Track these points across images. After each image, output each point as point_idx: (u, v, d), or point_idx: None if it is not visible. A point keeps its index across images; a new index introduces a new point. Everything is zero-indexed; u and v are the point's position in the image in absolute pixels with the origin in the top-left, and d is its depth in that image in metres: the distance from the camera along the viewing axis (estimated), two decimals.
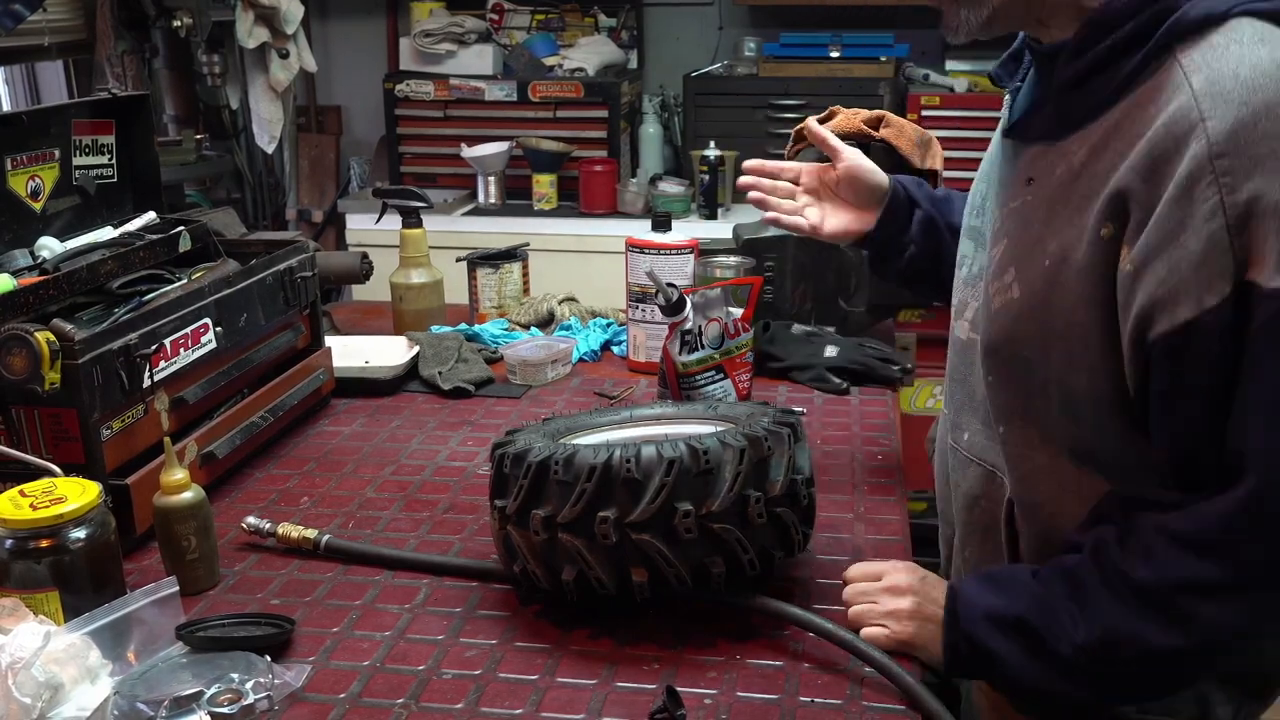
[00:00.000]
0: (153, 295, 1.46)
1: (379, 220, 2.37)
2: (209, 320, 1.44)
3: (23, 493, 1.10)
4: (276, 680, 1.03)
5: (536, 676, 1.06)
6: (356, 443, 1.63)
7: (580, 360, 1.97)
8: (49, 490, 1.11)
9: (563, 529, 1.07)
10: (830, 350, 1.86)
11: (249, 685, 1.01)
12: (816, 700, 1.03)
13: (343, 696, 1.04)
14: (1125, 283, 0.96)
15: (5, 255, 1.45)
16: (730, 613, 1.14)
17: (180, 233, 1.57)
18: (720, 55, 3.94)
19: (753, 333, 1.58)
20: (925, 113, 3.41)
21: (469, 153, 3.64)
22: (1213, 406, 0.95)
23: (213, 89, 3.83)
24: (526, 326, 2.09)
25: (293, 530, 1.30)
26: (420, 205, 2.14)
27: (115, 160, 1.68)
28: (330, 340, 1.82)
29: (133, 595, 1.09)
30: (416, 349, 1.90)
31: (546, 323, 2.11)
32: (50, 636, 0.97)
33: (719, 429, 1.15)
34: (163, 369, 1.35)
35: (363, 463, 1.56)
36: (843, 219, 1.46)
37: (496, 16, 3.98)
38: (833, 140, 1.45)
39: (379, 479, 1.51)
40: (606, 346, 2.03)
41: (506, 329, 2.06)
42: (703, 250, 1.88)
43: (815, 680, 1.06)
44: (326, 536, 1.29)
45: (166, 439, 1.22)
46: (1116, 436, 1.04)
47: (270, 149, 3.79)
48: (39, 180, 1.54)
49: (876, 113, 1.92)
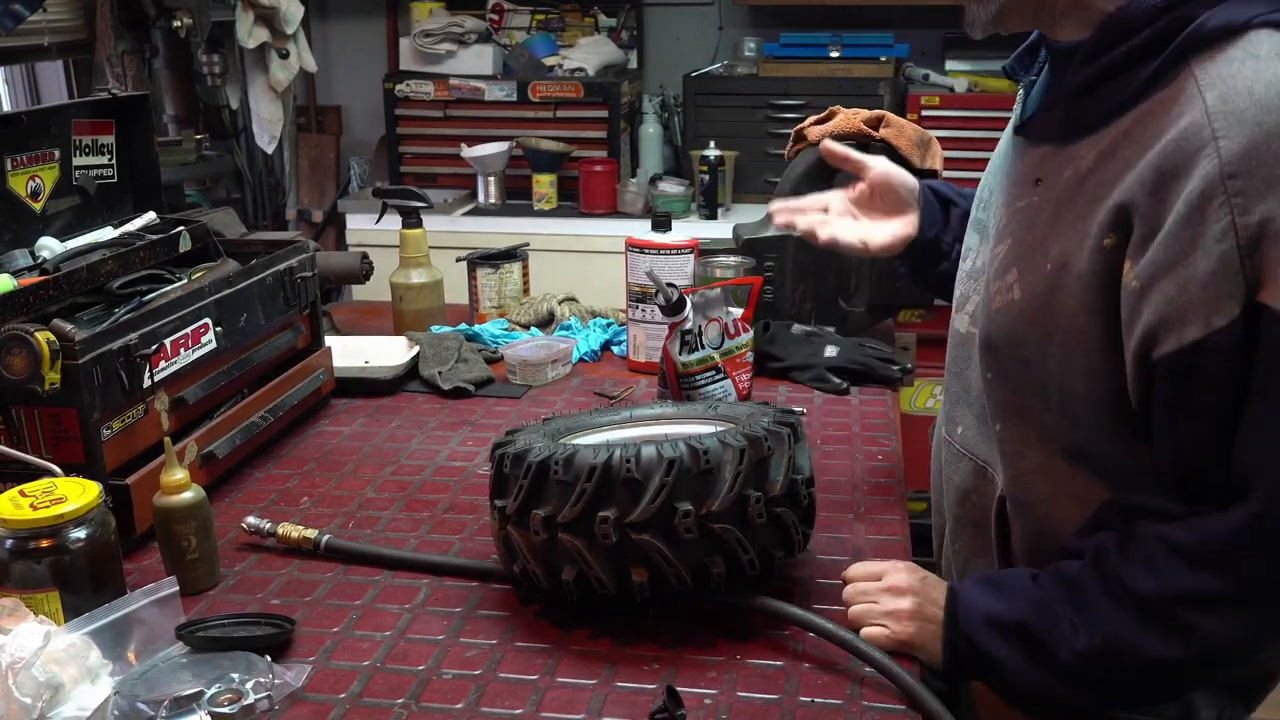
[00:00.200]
0: (153, 295, 1.46)
1: (379, 220, 2.37)
2: (209, 320, 1.44)
3: (23, 493, 1.10)
4: (276, 680, 1.03)
5: (536, 676, 1.06)
6: (356, 443, 1.63)
7: (580, 360, 1.97)
8: (49, 490, 1.11)
9: (563, 529, 1.07)
10: (830, 350, 1.86)
11: (249, 685, 1.01)
12: (816, 700, 1.03)
13: (343, 696, 1.04)
14: (1130, 298, 0.96)
15: (5, 255, 1.45)
16: (730, 613, 1.14)
17: (180, 233, 1.57)
18: (720, 55, 3.94)
19: (753, 333, 1.59)
20: (925, 113, 3.41)
21: (469, 153, 3.64)
22: (1218, 425, 0.95)
23: (213, 89, 3.83)
24: (526, 326, 2.09)
25: (293, 530, 1.30)
26: (420, 205, 2.14)
27: (115, 160, 1.68)
28: (330, 340, 1.82)
29: (133, 595, 1.09)
30: (416, 349, 1.90)
31: (546, 323, 2.11)
32: (50, 636, 0.97)
33: (719, 429, 1.15)
34: (163, 369, 1.35)
35: (363, 463, 1.56)
36: (888, 228, 1.40)
37: (496, 16, 3.98)
38: (854, 155, 1.40)
39: (379, 479, 1.51)
40: (606, 346, 2.03)
41: (506, 329, 2.06)
42: (703, 250, 1.88)
43: (815, 680, 1.06)
44: (326, 536, 1.29)
45: (166, 439, 1.22)
46: (1113, 440, 1.05)
47: (270, 149, 3.79)
48: (39, 180, 1.54)
49: (876, 113, 1.93)
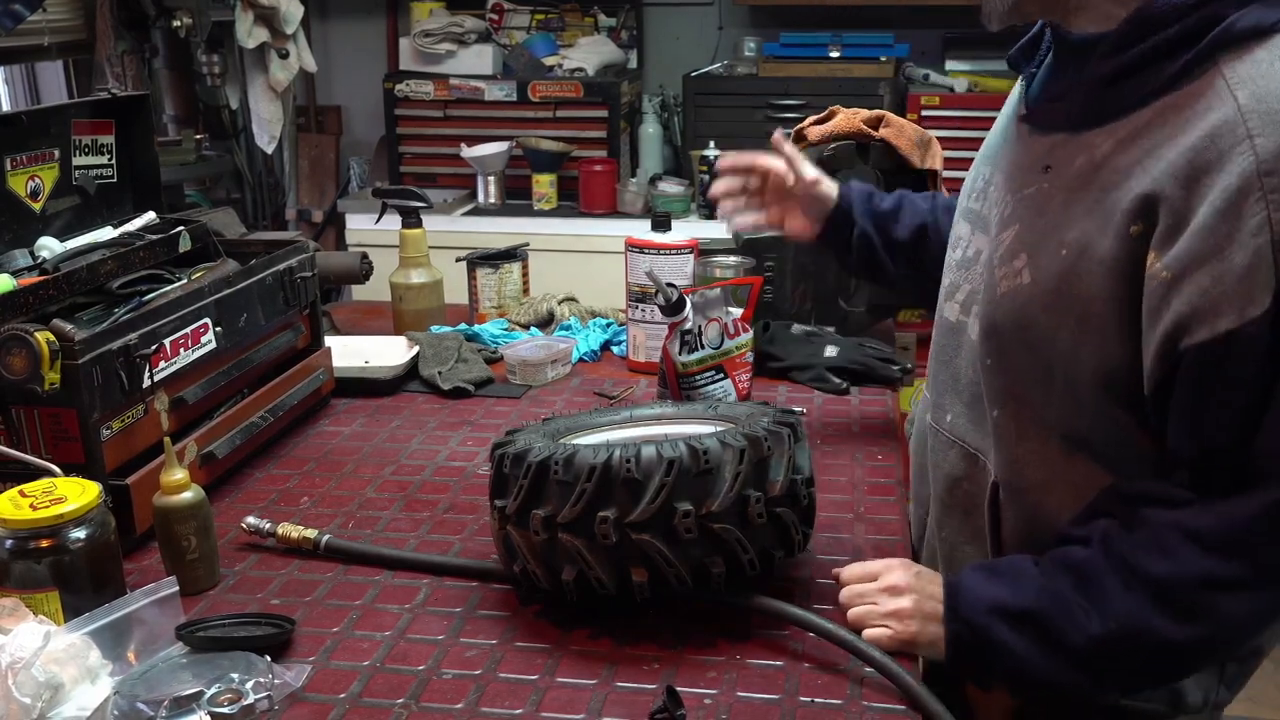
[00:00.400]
0: (153, 295, 1.46)
1: (379, 220, 2.37)
2: (209, 320, 1.44)
3: (23, 493, 1.10)
4: (276, 680, 1.03)
5: (536, 676, 1.06)
6: (356, 443, 1.63)
7: (580, 360, 1.97)
8: (49, 490, 1.11)
9: (563, 529, 1.07)
10: (830, 350, 1.86)
11: (249, 685, 1.01)
12: (816, 700, 1.03)
13: (343, 696, 1.04)
14: (1159, 289, 0.97)
15: (5, 255, 1.45)
16: (730, 613, 1.14)
17: (180, 233, 1.57)
18: (720, 55, 3.94)
19: (753, 333, 1.59)
20: (925, 113, 3.41)
21: (469, 153, 3.64)
22: (1241, 413, 0.96)
23: (213, 89, 3.83)
24: (526, 326, 2.09)
25: (293, 530, 1.30)
26: (420, 205, 2.14)
27: (115, 160, 1.68)
28: (330, 340, 1.81)
29: (133, 595, 1.09)
30: (416, 349, 1.90)
31: (546, 323, 2.11)
32: (50, 636, 0.97)
33: (719, 429, 1.15)
34: (163, 369, 1.35)
35: (363, 463, 1.56)
36: (798, 222, 1.54)
37: (496, 16, 3.98)
38: (797, 163, 1.51)
39: (379, 479, 1.51)
40: (606, 346, 2.03)
41: (506, 329, 2.06)
42: (703, 250, 1.88)
43: (815, 680, 1.06)
44: (326, 536, 1.29)
45: (166, 439, 1.22)
46: (1115, 426, 1.06)
47: (270, 149, 3.79)
48: (39, 180, 1.54)
49: (876, 113, 1.92)
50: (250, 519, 1.32)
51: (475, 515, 1.39)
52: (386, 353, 1.91)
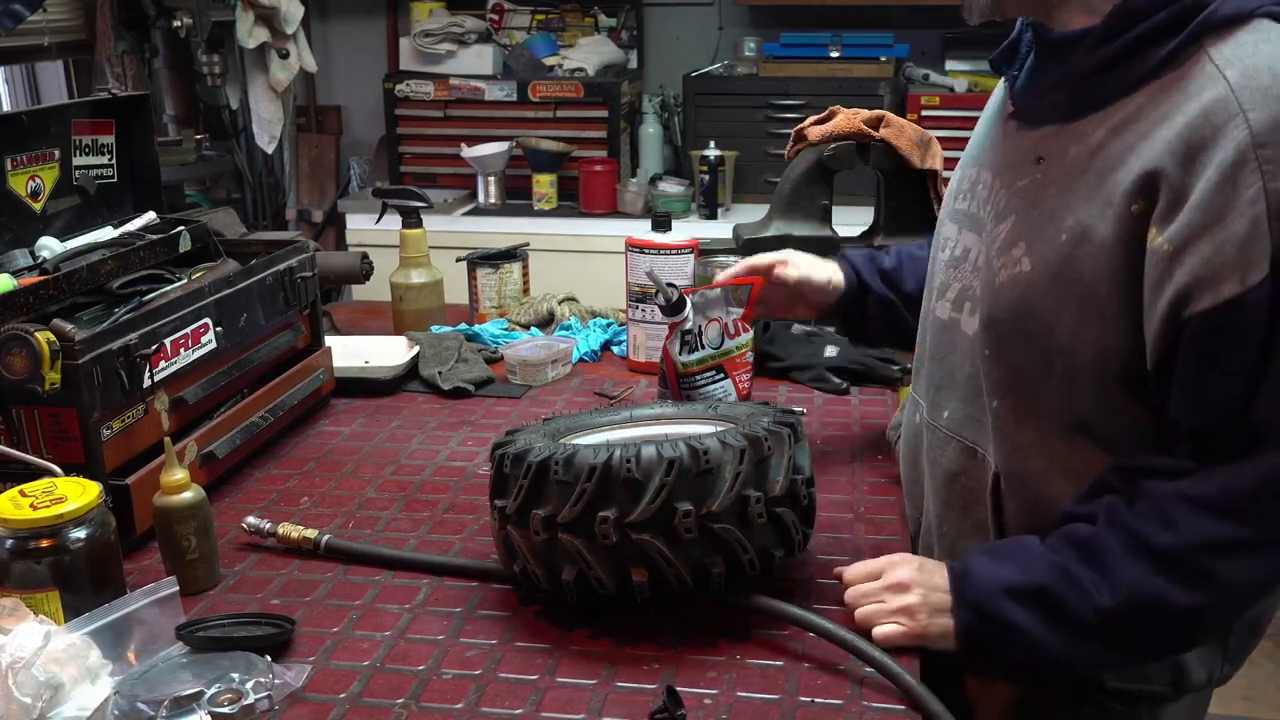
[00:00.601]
0: (153, 295, 1.46)
1: (379, 220, 2.37)
2: (209, 320, 1.44)
3: (23, 493, 1.10)
4: (276, 680, 1.03)
5: (536, 676, 1.07)
6: (356, 443, 1.63)
7: (580, 360, 1.97)
8: (49, 490, 1.11)
9: (563, 529, 1.07)
10: (830, 350, 1.86)
11: (249, 685, 1.01)
12: (816, 700, 1.03)
13: (343, 696, 1.04)
14: (1160, 262, 0.99)
15: (5, 255, 1.45)
16: (730, 613, 1.14)
17: (180, 233, 1.57)
18: (720, 55, 3.94)
19: (753, 333, 1.58)
20: (925, 113, 3.41)
21: (469, 153, 3.64)
22: (1243, 380, 0.98)
23: (213, 89, 3.83)
24: (526, 326, 2.09)
25: (293, 530, 1.30)
26: (420, 205, 2.14)
27: (115, 160, 1.68)
28: (330, 340, 1.81)
29: (133, 595, 1.09)
30: (416, 349, 1.90)
31: (546, 323, 2.11)
32: (50, 636, 0.97)
33: (719, 429, 1.15)
34: (163, 369, 1.35)
35: (363, 463, 1.56)
36: (804, 308, 1.56)
37: (496, 16, 3.98)
38: (750, 261, 1.51)
39: (379, 479, 1.51)
40: (606, 346, 2.03)
41: (506, 329, 2.06)
42: (703, 250, 1.88)
43: (815, 680, 1.06)
44: (326, 536, 1.29)
45: (166, 439, 1.22)
46: (1117, 408, 1.07)
47: (270, 149, 3.79)
48: (39, 180, 1.54)
49: (876, 113, 1.93)
50: (250, 519, 1.32)
51: (475, 515, 1.39)
52: (386, 353, 1.91)
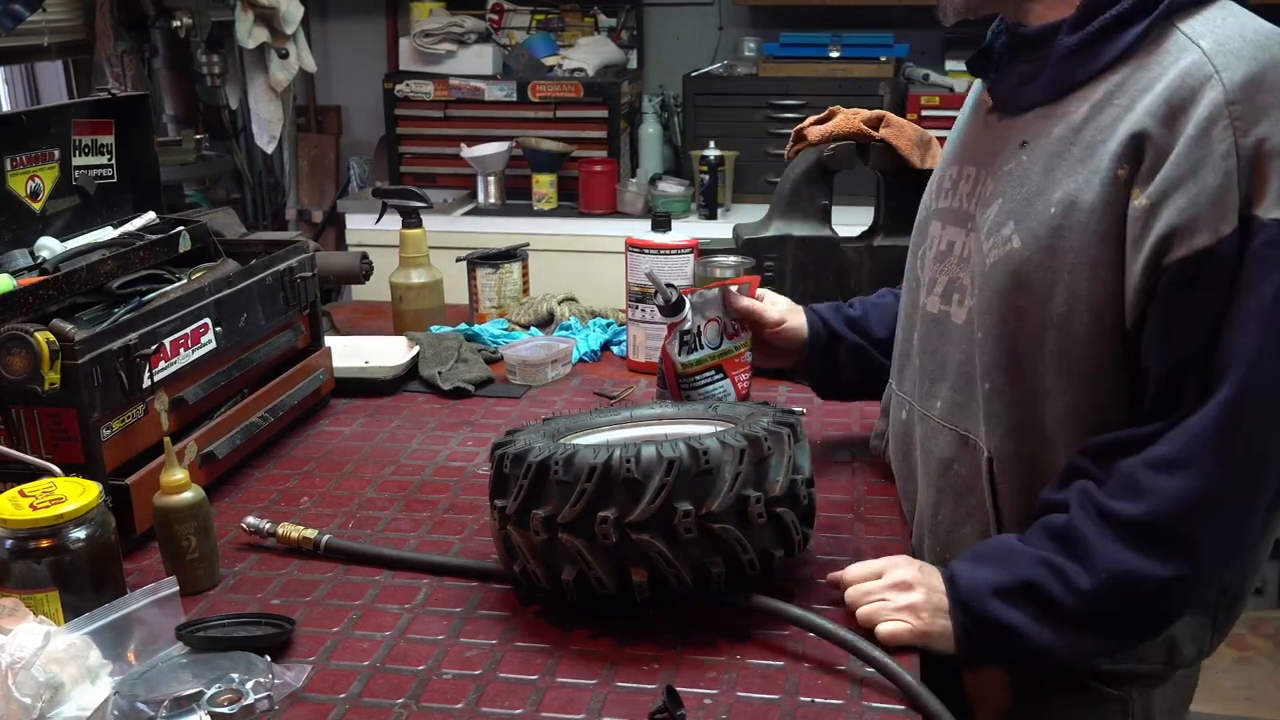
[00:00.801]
0: (153, 295, 1.46)
1: (379, 220, 2.37)
2: (209, 320, 1.44)
3: (23, 493, 1.10)
4: (276, 680, 1.03)
5: (536, 676, 1.07)
6: (356, 443, 1.63)
7: (580, 360, 1.97)
8: (49, 490, 1.11)
9: (563, 529, 1.07)
10: None
11: (249, 685, 1.01)
12: (816, 700, 1.03)
13: (343, 696, 1.04)
14: (1140, 216, 1.03)
15: (5, 255, 1.45)
16: (730, 613, 1.14)
17: (180, 233, 1.57)
18: (720, 55, 3.94)
19: (751, 333, 1.58)
20: (925, 113, 3.41)
21: (469, 153, 3.64)
22: (1208, 326, 1.02)
23: (212, 89, 3.83)
24: (526, 326, 2.09)
25: (293, 530, 1.30)
26: (420, 205, 2.14)
27: (115, 160, 1.68)
28: (330, 340, 1.82)
29: (133, 595, 1.09)
30: (416, 349, 1.90)
31: (546, 323, 2.11)
32: (50, 636, 0.97)
33: (719, 429, 1.15)
34: (163, 369, 1.35)
35: (363, 463, 1.56)
36: (774, 360, 1.56)
37: (496, 16, 3.98)
38: (759, 310, 1.49)
39: (379, 479, 1.51)
40: (606, 346, 2.03)
41: (506, 329, 2.06)
42: (703, 250, 1.88)
43: (815, 680, 1.06)
44: (326, 536, 1.29)
45: (166, 439, 1.22)
46: (1107, 381, 1.09)
47: (270, 149, 3.80)
48: (39, 180, 1.54)
49: (876, 113, 1.93)
50: (250, 519, 1.32)
51: (475, 515, 1.39)
52: (386, 353, 1.91)
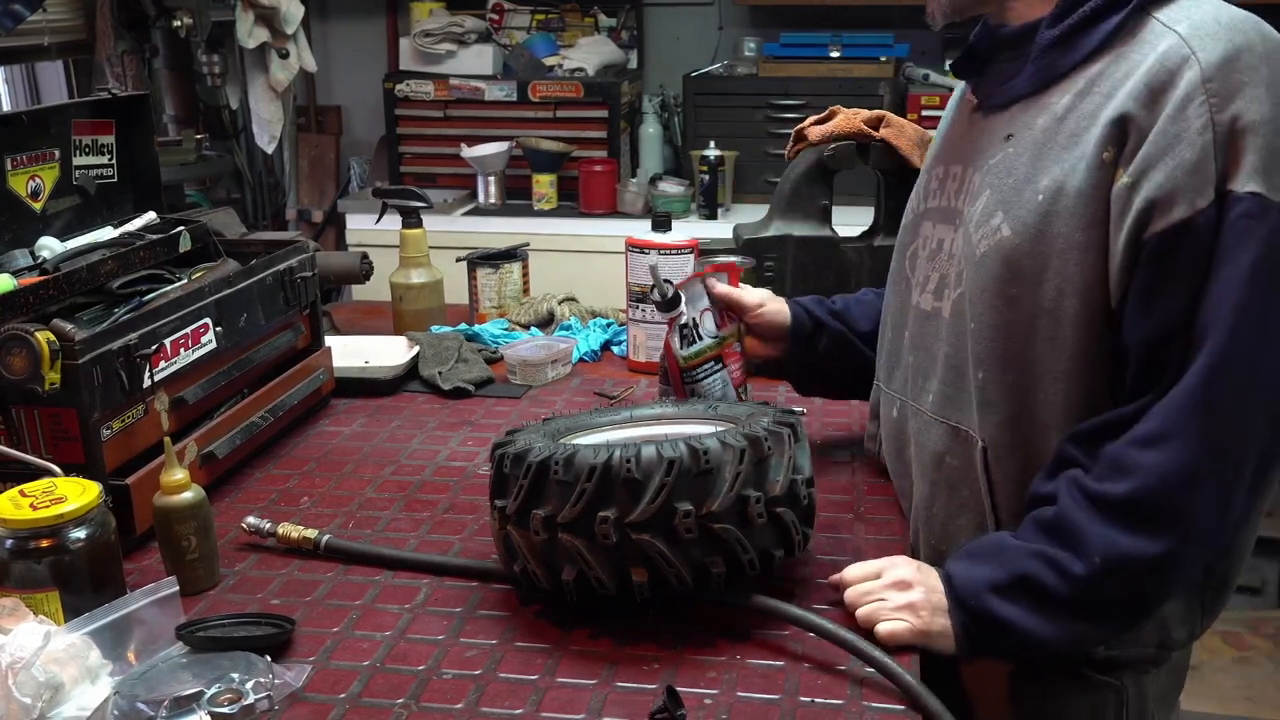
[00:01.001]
0: (153, 295, 1.46)
1: (379, 220, 2.37)
2: (209, 320, 1.44)
3: (23, 493, 1.10)
4: (276, 680, 1.03)
5: (536, 676, 1.07)
6: (356, 443, 1.63)
7: (580, 360, 1.97)
8: (49, 490, 1.11)
9: (563, 529, 1.07)
10: None
11: (249, 685, 1.01)
12: (816, 700, 1.03)
13: (343, 696, 1.04)
14: (1122, 194, 1.06)
15: (5, 255, 1.45)
16: (730, 613, 1.14)
17: (180, 233, 1.57)
18: (720, 55, 3.94)
19: (739, 324, 1.57)
20: (925, 113, 3.41)
21: (469, 153, 3.64)
22: (1186, 297, 1.04)
23: (213, 89, 3.83)
24: (526, 326, 2.09)
25: (293, 530, 1.30)
26: (420, 205, 2.14)
27: (115, 160, 1.68)
28: (330, 340, 1.82)
29: (133, 595, 1.09)
30: (416, 349, 1.90)
31: (546, 323, 2.11)
32: (50, 636, 0.97)
33: (719, 429, 1.15)
34: (163, 369, 1.35)
35: (363, 463, 1.56)
36: (755, 348, 1.53)
37: (496, 16, 3.98)
38: (738, 296, 1.49)
39: (379, 479, 1.51)
40: (606, 346, 2.03)
41: (506, 329, 2.06)
42: (703, 250, 1.88)
43: (815, 680, 1.06)
44: (326, 536, 1.29)
45: (166, 439, 1.22)
46: (1096, 365, 1.11)
47: (270, 149, 3.79)
48: (39, 180, 1.54)
49: (876, 113, 1.93)
50: (250, 519, 1.32)
51: (475, 515, 1.39)
52: (386, 353, 1.91)
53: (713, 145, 3.48)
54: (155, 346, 1.32)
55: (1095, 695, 1.22)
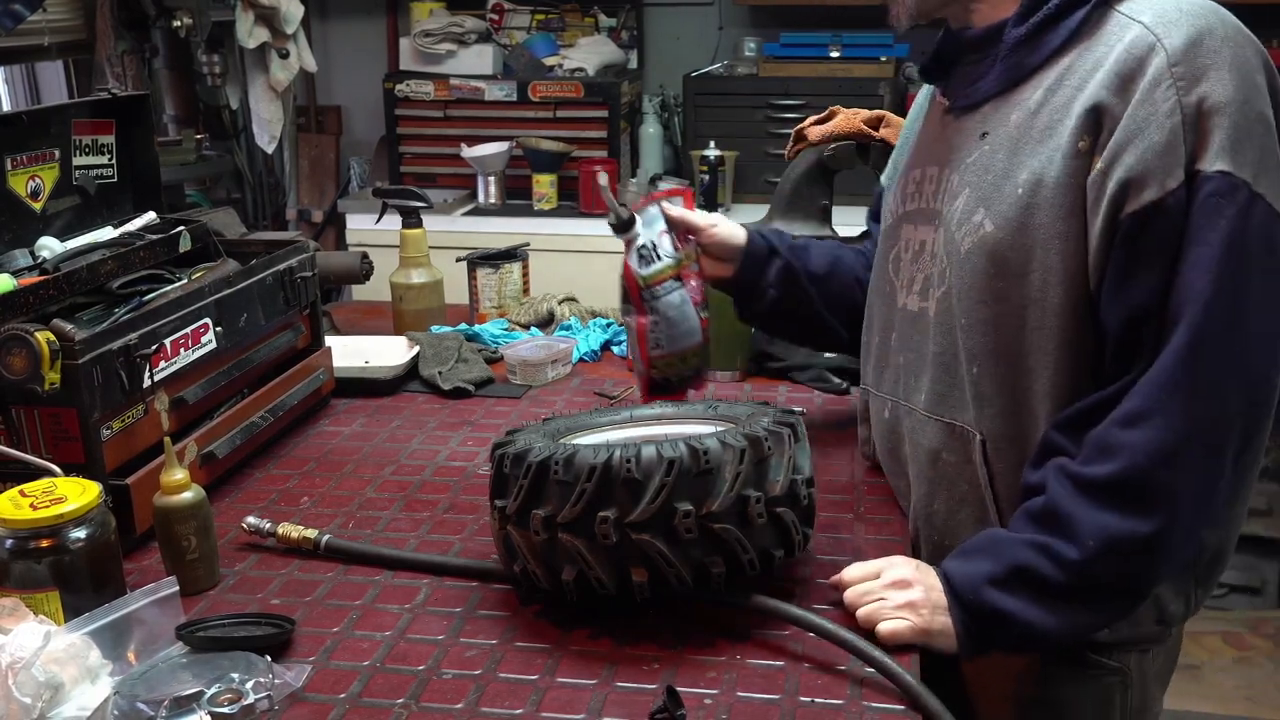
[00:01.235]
0: (153, 295, 1.46)
1: (379, 220, 2.37)
2: (209, 320, 1.44)
3: (23, 493, 1.10)
4: (276, 680, 1.03)
5: (536, 676, 1.07)
6: (356, 443, 1.63)
7: (580, 360, 1.97)
8: (49, 490, 1.11)
9: (563, 529, 1.07)
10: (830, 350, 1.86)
11: (249, 685, 1.01)
12: (816, 700, 1.03)
13: (343, 696, 1.04)
14: (1097, 180, 1.08)
15: (5, 255, 1.45)
16: (730, 613, 1.14)
17: (180, 233, 1.57)
18: (720, 55, 3.94)
19: (695, 243, 1.57)
20: None
21: (469, 153, 3.64)
22: (1160, 277, 1.06)
23: (213, 89, 3.83)
24: (526, 326, 2.09)
25: (293, 530, 1.30)
26: (420, 205, 2.14)
27: (115, 160, 1.68)
28: (330, 340, 1.82)
29: (133, 595, 1.09)
30: (416, 349, 1.90)
31: (546, 323, 2.11)
32: (50, 636, 0.97)
33: (719, 429, 1.15)
34: (163, 369, 1.35)
35: (363, 463, 1.56)
36: (709, 267, 1.52)
37: (496, 16, 3.98)
38: (690, 217, 1.48)
39: (379, 479, 1.51)
40: (606, 346, 2.03)
41: (506, 329, 2.06)
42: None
43: (815, 680, 1.06)
44: (326, 536, 1.29)
45: (166, 439, 1.22)
46: (1084, 351, 1.12)
47: (270, 149, 3.79)
48: (39, 180, 1.54)
49: (876, 113, 1.93)
50: (250, 519, 1.32)
51: (475, 515, 1.39)
52: (386, 353, 1.91)
53: (713, 145, 3.48)
54: (155, 346, 1.32)
55: (1101, 681, 1.23)
